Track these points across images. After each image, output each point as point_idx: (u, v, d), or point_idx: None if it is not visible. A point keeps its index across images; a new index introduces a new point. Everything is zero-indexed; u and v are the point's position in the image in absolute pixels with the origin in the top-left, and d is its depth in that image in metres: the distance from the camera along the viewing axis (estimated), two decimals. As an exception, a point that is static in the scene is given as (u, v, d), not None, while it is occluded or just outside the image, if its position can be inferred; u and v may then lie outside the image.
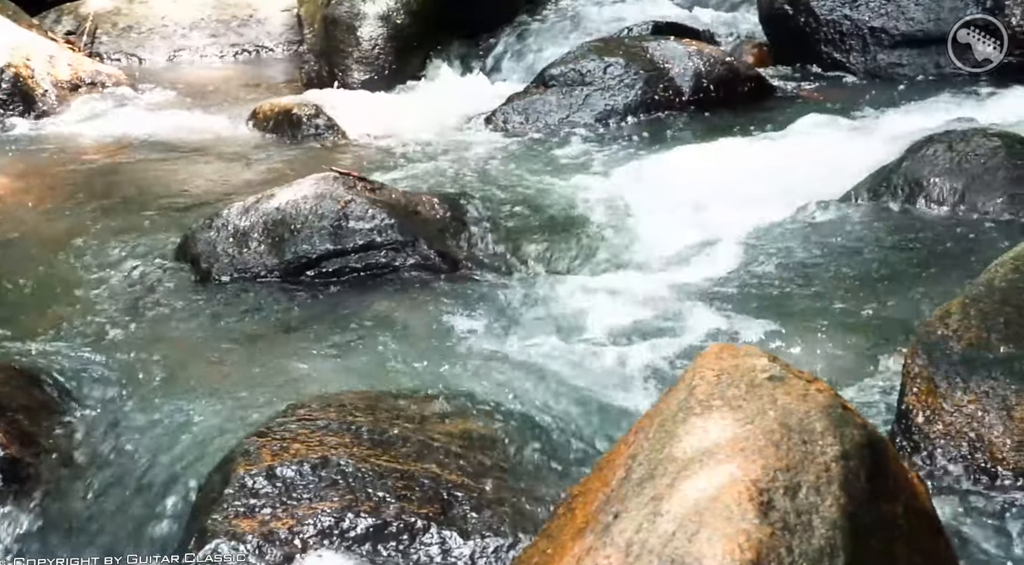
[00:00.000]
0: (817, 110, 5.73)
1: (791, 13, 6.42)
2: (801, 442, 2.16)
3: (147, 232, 4.67)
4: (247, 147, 6.02)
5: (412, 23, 7.06)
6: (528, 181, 5.07)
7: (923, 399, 2.92)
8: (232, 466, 2.86)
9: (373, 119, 6.33)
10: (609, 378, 3.45)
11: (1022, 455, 2.79)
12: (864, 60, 6.25)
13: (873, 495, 2.17)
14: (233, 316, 4.00)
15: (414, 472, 2.86)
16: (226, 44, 8.25)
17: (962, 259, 4.04)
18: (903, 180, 4.50)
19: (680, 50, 6.16)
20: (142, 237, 4.61)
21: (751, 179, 4.77)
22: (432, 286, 4.19)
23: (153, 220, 4.82)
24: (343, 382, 3.41)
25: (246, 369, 3.57)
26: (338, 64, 7.05)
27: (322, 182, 4.46)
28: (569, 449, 3.11)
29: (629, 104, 5.97)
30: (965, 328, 2.94)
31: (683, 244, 4.35)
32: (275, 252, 4.31)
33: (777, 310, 3.81)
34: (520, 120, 6.06)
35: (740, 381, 2.31)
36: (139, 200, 5.16)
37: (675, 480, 2.14)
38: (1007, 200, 4.34)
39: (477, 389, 3.35)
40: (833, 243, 4.24)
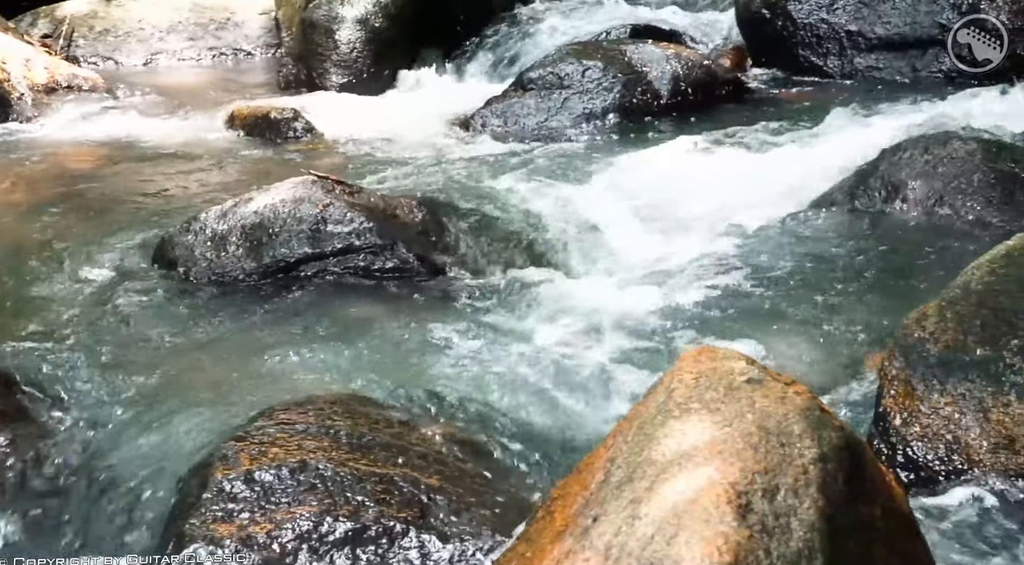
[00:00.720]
0: (794, 113, 5.75)
1: (768, 17, 6.44)
2: (779, 445, 2.17)
3: (124, 236, 4.65)
4: (225, 150, 6.01)
5: (390, 26, 7.06)
6: (506, 184, 5.06)
7: (900, 401, 2.93)
8: (210, 470, 2.85)
9: (351, 122, 6.33)
10: (588, 381, 3.45)
11: (998, 457, 2.80)
12: (841, 63, 6.27)
13: (851, 497, 2.18)
14: (211, 320, 3.98)
15: (393, 476, 2.86)
16: (203, 47, 8.23)
17: (939, 262, 4.05)
18: (880, 183, 4.51)
19: (658, 53, 6.17)
20: (119, 241, 4.59)
21: (728, 183, 4.78)
22: (411, 289, 4.19)
23: (130, 224, 4.80)
24: (322, 386, 3.40)
25: (224, 373, 3.56)
26: (316, 67, 7.05)
27: (300, 185, 4.45)
28: (548, 452, 3.11)
29: (607, 107, 5.98)
30: (942, 331, 2.95)
31: (661, 248, 4.35)
32: (253, 256, 4.30)
33: (755, 313, 3.82)
34: (499, 123, 6.07)
35: (718, 384, 2.31)
36: (116, 204, 5.14)
37: (654, 483, 2.14)
38: (983, 203, 4.36)
39: (456, 392, 3.35)
40: (810, 246, 4.26)
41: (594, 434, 3.12)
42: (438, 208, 4.56)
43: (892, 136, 4.87)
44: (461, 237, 4.45)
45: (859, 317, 3.74)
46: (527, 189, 4.98)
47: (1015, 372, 2.84)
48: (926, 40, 6.03)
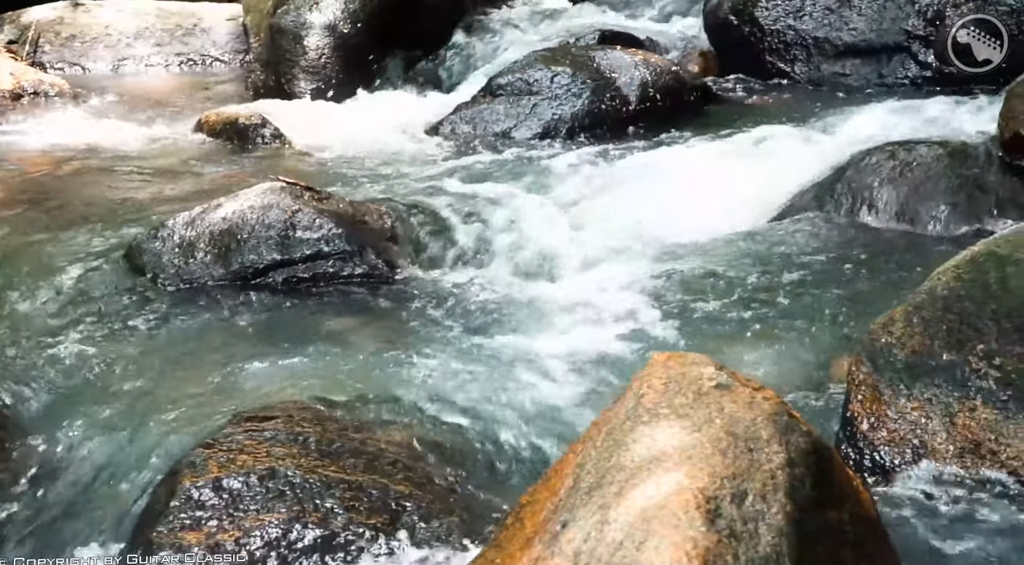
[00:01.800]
0: (762, 120, 5.76)
1: (735, 23, 6.47)
2: (747, 450, 2.18)
3: (90, 243, 4.62)
4: (193, 157, 5.99)
5: (358, 33, 7.05)
6: (475, 190, 5.06)
7: (867, 406, 2.95)
8: (178, 478, 2.84)
9: (320, 129, 6.31)
10: (557, 386, 3.46)
11: (964, 461, 2.82)
12: (808, 70, 6.30)
13: (819, 502, 2.19)
14: (179, 327, 3.97)
15: (362, 482, 2.85)
16: (171, 53, 8.20)
17: (905, 267, 4.08)
18: (847, 189, 4.54)
19: (626, 59, 6.18)
20: (85, 248, 4.56)
21: (696, 189, 4.79)
22: (380, 295, 4.18)
23: (97, 231, 4.77)
24: (290, 392, 3.39)
25: (192, 380, 3.55)
26: (284, 74, 7.03)
27: (269, 192, 4.44)
28: (518, 458, 3.11)
29: (576, 113, 5.98)
30: (908, 336, 2.97)
31: (630, 254, 4.36)
32: (222, 262, 4.29)
33: (723, 319, 3.83)
34: (468, 129, 6.07)
35: (687, 389, 2.32)
36: (83, 210, 5.11)
37: (623, 489, 2.14)
38: (949, 209, 4.39)
39: (425, 398, 3.34)
40: (777, 252, 4.27)
41: (564, 439, 3.12)
42: (407, 214, 4.56)
43: (859, 142, 4.89)
44: (430, 243, 4.45)
45: (827, 322, 3.76)
46: (496, 195, 4.98)
47: (980, 377, 2.86)
48: (892, 47, 6.07)
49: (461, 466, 3.06)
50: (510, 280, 4.29)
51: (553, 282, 4.25)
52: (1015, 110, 4.39)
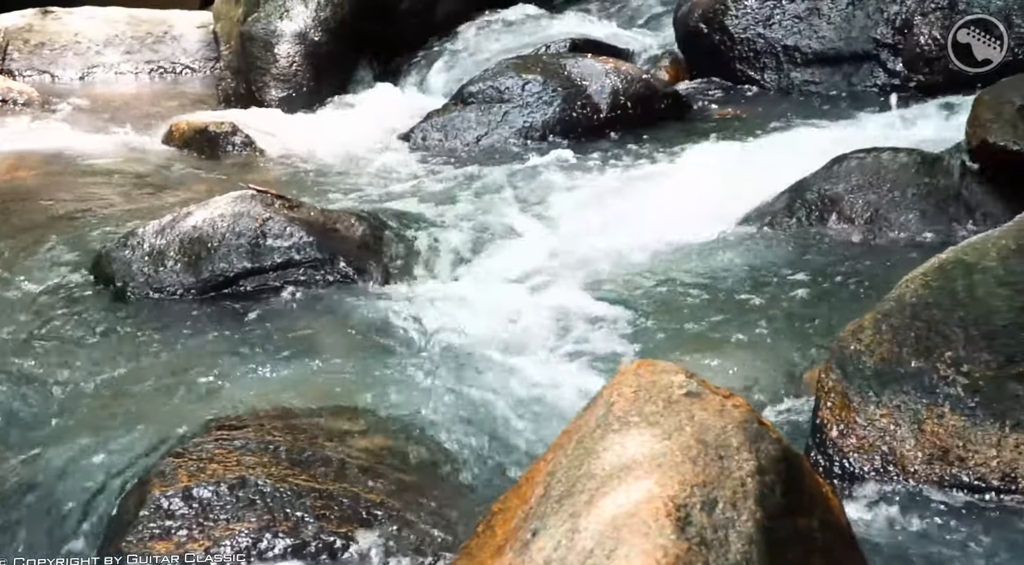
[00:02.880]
0: (732, 127, 5.79)
1: (706, 31, 6.49)
2: (717, 457, 2.18)
3: (59, 252, 4.60)
4: (163, 165, 5.97)
5: (329, 41, 7.04)
6: (446, 198, 5.07)
7: (837, 413, 2.96)
8: (147, 487, 2.83)
9: (291, 136, 6.31)
10: (528, 394, 3.46)
11: (933, 468, 2.84)
12: (778, 77, 6.33)
13: (788, 509, 2.20)
14: (149, 336, 3.95)
15: (333, 491, 2.85)
16: (141, 61, 8.17)
17: (874, 275, 4.10)
18: (816, 197, 4.56)
19: (598, 67, 6.20)
20: (54, 257, 4.54)
21: (666, 196, 4.80)
22: (351, 303, 4.18)
23: (66, 239, 4.75)
24: (261, 401, 3.38)
25: (162, 389, 3.54)
26: (255, 81, 7.01)
27: (239, 200, 4.43)
28: (489, 466, 3.11)
29: (547, 121, 5.99)
30: (877, 343, 2.99)
31: (601, 261, 4.37)
32: (192, 270, 4.27)
33: (694, 327, 3.84)
34: (439, 137, 6.07)
35: (657, 397, 2.33)
36: (51, 219, 5.08)
37: (593, 497, 2.15)
38: (918, 216, 4.41)
39: (396, 406, 3.34)
40: (747, 260, 4.29)
41: (535, 447, 3.12)
42: (378, 222, 4.56)
43: (828, 150, 4.91)
44: (402, 250, 4.45)
45: (796, 330, 3.78)
46: (467, 202, 4.99)
47: (948, 384, 2.88)
48: (861, 55, 6.10)
49: (432, 474, 3.06)
50: (481, 288, 4.29)
51: (524, 290, 4.24)
52: (982, 118, 4.42)
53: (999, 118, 4.39)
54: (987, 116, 4.41)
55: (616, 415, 2.31)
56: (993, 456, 2.81)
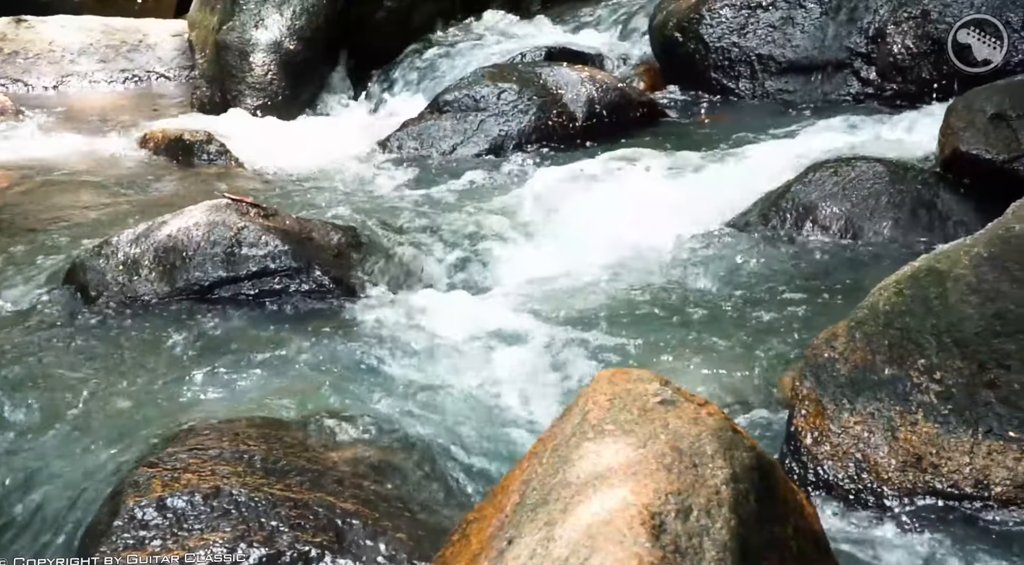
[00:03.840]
0: (707, 135, 5.81)
1: (681, 40, 6.51)
2: (692, 465, 2.19)
3: (33, 260, 4.58)
4: (137, 174, 5.94)
5: (304, 49, 7.03)
6: (422, 206, 5.07)
7: (811, 421, 2.97)
8: (121, 498, 2.82)
9: (266, 145, 6.29)
10: (504, 402, 3.46)
11: (906, 475, 2.85)
12: (752, 86, 6.35)
13: (763, 517, 2.21)
14: (123, 345, 3.94)
15: (308, 500, 2.84)
16: (116, 70, 8.14)
17: (848, 282, 4.12)
18: (791, 205, 4.58)
19: (573, 76, 6.21)
20: (27, 266, 4.52)
21: (642, 205, 4.81)
22: (326, 312, 4.17)
23: (39, 248, 4.73)
24: (236, 410, 3.37)
25: (136, 399, 3.52)
26: (231, 90, 7.00)
27: (214, 209, 4.42)
28: (464, 475, 3.11)
29: (523, 130, 6.00)
30: (851, 350, 3.00)
31: (575, 270, 4.37)
32: (167, 279, 4.26)
33: (669, 335, 3.85)
34: (415, 145, 6.07)
35: (632, 405, 2.33)
36: (24, 228, 5.06)
37: (568, 505, 2.15)
38: (891, 224, 4.44)
39: (371, 415, 3.33)
40: (722, 268, 4.30)
41: (510, 456, 3.12)
42: (354, 230, 4.56)
43: (803, 158, 4.94)
44: (377, 259, 4.45)
45: (771, 338, 3.79)
46: (442, 211, 4.99)
47: (921, 391, 2.89)
48: (835, 64, 6.13)
49: (408, 483, 3.06)
50: (458, 295, 4.29)
51: (500, 297, 4.25)
52: (954, 127, 4.45)
53: (971, 127, 4.42)
54: (959, 125, 4.45)
55: (591, 423, 2.31)
56: (966, 463, 2.82)
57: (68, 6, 8.75)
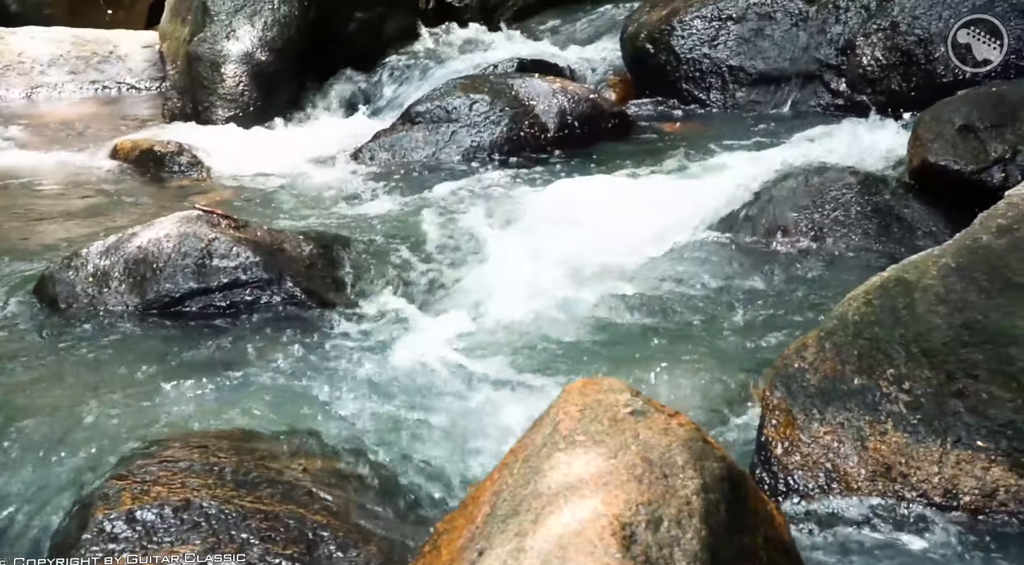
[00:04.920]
0: (678, 146, 5.82)
1: (652, 51, 6.54)
2: (662, 476, 2.20)
3: (1, 272, 4.56)
4: (108, 185, 5.92)
5: (276, 60, 7.02)
6: (394, 218, 5.07)
7: (781, 431, 2.98)
8: (90, 510, 2.81)
9: (238, 156, 6.28)
10: (474, 414, 3.46)
11: (876, 485, 2.86)
12: (723, 97, 6.38)
13: (733, 527, 2.21)
14: (93, 357, 3.92)
15: (279, 512, 2.83)
16: (86, 81, 8.11)
17: (818, 292, 4.14)
18: (762, 215, 4.60)
19: (545, 87, 6.22)
20: (-3, 277, 4.51)
21: (612, 215, 4.82)
22: (298, 323, 4.16)
23: (8, 261, 4.70)
24: (206, 422, 3.36)
25: (106, 411, 3.50)
26: (202, 101, 6.98)
27: (185, 220, 4.41)
28: (435, 486, 3.11)
29: (495, 141, 6.01)
30: (821, 360, 3.01)
31: (546, 281, 4.37)
32: (137, 291, 4.24)
33: (639, 345, 3.86)
34: (387, 156, 6.07)
35: (603, 416, 2.34)
36: (-6, 240, 5.04)
37: (539, 516, 2.15)
38: (861, 234, 4.46)
39: (342, 427, 3.33)
40: (693, 278, 4.31)
41: (480, 467, 3.12)
42: (326, 242, 4.55)
43: (773, 168, 4.95)
44: (349, 270, 4.44)
45: (742, 348, 3.80)
46: (415, 222, 4.99)
47: (891, 401, 2.91)
48: (805, 75, 6.17)
49: (379, 495, 3.05)
50: (428, 306, 4.29)
51: (472, 309, 4.25)
52: (923, 138, 4.48)
53: (939, 138, 4.45)
54: (928, 136, 4.47)
55: (562, 434, 2.31)
56: (935, 472, 2.84)
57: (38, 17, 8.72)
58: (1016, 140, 4.41)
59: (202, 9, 7.16)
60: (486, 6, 8.09)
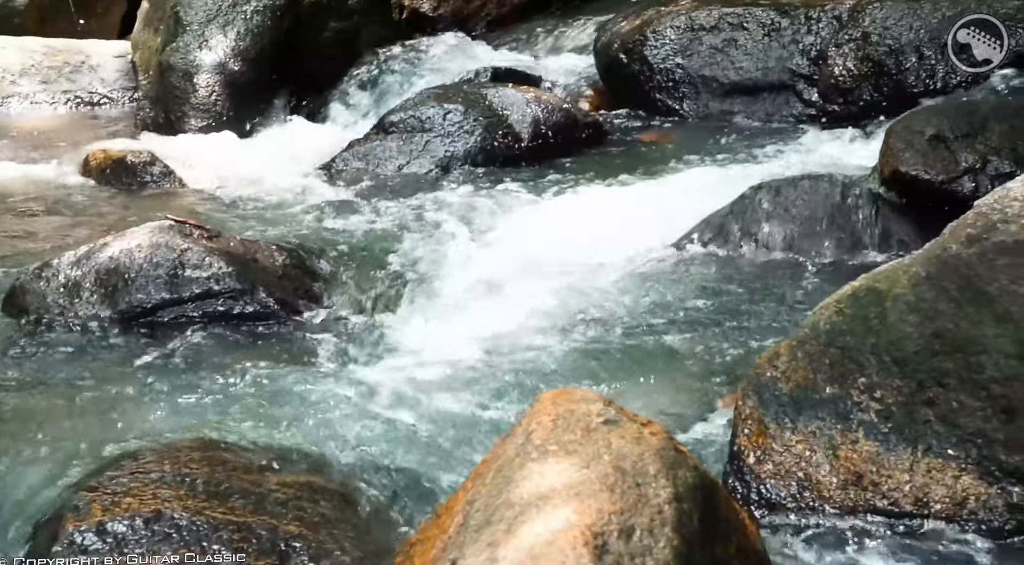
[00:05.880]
0: (652, 156, 5.84)
1: (626, 61, 6.55)
2: (635, 485, 2.20)
3: (-29, 284, 4.54)
4: (80, 196, 5.89)
5: (250, 70, 7.00)
6: (367, 228, 5.06)
7: (754, 440, 2.99)
8: (60, 522, 2.80)
9: (211, 166, 6.25)
10: (447, 425, 3.45)
11: (847, 493, 2.87)
12: (697, 107, 6.39)
13: (705, 536, 2.22)
14: (64, 368, 3.90)
15: (251, 523, 2.82)
16: (58, 91, 8.07)
17: (791, 301, 4.15)
18: (734, 225, 4.61)
19: (518, 97, 6.22)
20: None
21: (586, 225, 4.83)
22: (271, 334, 4.15)
23: (-22, 271, 4.69)
24: (178, 432, 3.35)
25: (77, 422, 3.49)
26: (174, 111, 6.96)
27: (157, 231, 4.40)
28: (408, 497, 3.10)
29: (469, 151, 6.00)
30: (793, 369, 3.02)
31: (520, 290, 4.37)
32: (109, 302, 4.23)
33: (613, 355, 3.86)
34: (360, 166, 6.06)
35: (575, 426, 2.34)
36: (-37, 251, 5.01)
37: (512, 526, 2.15)
38: (833, 244, 4.47)
39: (314, 438, 3.32)
40: (667, 288, 4.32)
41: (454, 477, 3.12)
42: (299, 252, 4.54)
43: (746, 178, 4.97)
44: (323, 281, 4.44)
45: (715, 357, 3.81)
46: (388, 232, 4.99)
47: (862, 409, 2.92)
48: (777, 85, 6.18)
49: (352, 505, 3.05)
50: (402, 317, 4.29)
51: (444, 318, 4.25)
52: (894, 148, 4.50)
53: (910, 147, 4.47)
54: (899, 145, 4.49)
55: (535, 444, 2.32)
56: (906, 481, 2.85)
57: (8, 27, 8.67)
58: (986, 150, 4.43)
59: (174, 19, 7.14)
60: (460, 16, 8.09)
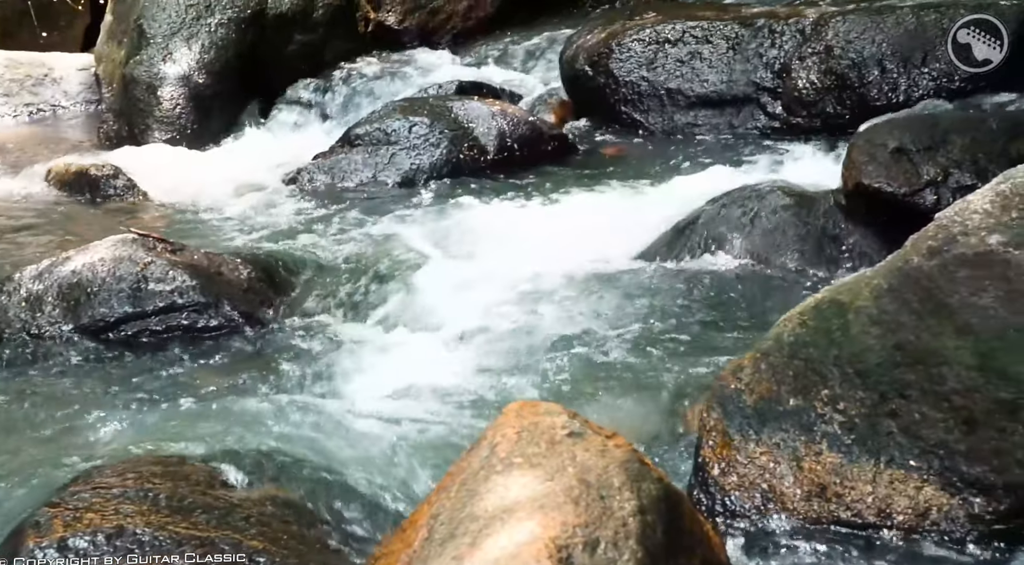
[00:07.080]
0: (617, 168, 5.85)
1: (591, 74, 6.56)
2: (599, 497, 2.20)
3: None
4: (42, 209, 5.86)
5: (214, 83, 6.99)
6: (332, 241, 5.05)
7: (718, 451, 2.99)
8: (21, 538, 2.77)
9: (175, 179, 6.23)
10: (412, 438, 3.45)
11: (811, 505, 2.88)
12: (662, 120, 6.40)
13: (670, 549, 2.22)
14: (25, 383, 3.88)
15: (214, 538, 2.81)
16: (19, 104, 8.03)
17: (755, 314, 4.16)
18: (699, 237, 4.62)
19: (484, 110, 6.23)
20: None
21: (551, 238, 4.83)
22: (235, 347, 4.14)
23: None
24: (141, 448, 3.33)
25: (38, 438, 3.47)
26: (138, 124, 6.94)
27: (120, 244, 4.38)
28: (373, 510, 3.09)
29: (434, 163, 6.00)
30: (757, 381, 3.03)
31: (485, 303, 4.37)
32: (71, 316, 4.20)
33: (577, 368, 3.86)
34: (325, 179, 6.05)
35: (540, 438, 2.34)
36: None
37: (476, 539, 2.15)
38: (796, 256, 4.49)
39: (280, 452, 3.30)
40: (631, 300, 4.32)
41: (419, 490, 3.11)
42: (264, 265, 4.53)
43: (711, 190, 4.98)
44: (289, 294, 4.43)
45: (680, 369, 3.81)
46: (353, 245, 4.98)
47: (825, 421, 2.93)
48: (742, 98, 6.21)
49: (317, 520, 3.03)
50: (368, 330, 4.28)
51: (410, 331, 4.24)
52: (856, 161, 4.52)
53: (873, 160, 4.50)
54: (862, 158, 4.52)
55: (499, 456, 2.32)
56: (869, 492, 2.86)
57: (-30, 40, 8.63)
58: (947, 163, 4.47)
59: (138, 31, 7.12)
60: (426, 30, 8.09)
